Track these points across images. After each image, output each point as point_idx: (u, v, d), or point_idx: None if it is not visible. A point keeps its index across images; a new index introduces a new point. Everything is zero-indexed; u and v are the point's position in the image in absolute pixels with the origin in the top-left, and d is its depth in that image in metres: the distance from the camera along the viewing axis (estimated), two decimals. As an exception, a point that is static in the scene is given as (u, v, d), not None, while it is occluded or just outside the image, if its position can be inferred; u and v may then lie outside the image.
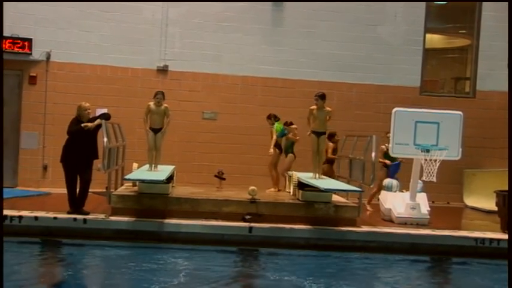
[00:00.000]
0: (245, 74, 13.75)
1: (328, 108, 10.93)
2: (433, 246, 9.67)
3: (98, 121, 9.81)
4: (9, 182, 12.47)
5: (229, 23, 13.66)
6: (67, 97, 12.73)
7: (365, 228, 9.93)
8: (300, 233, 9.70)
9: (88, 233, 9.40)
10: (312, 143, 10.92)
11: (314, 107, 10.86)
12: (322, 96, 10.84)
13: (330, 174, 12.00)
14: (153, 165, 10.89)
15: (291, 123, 11.88)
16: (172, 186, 11.09)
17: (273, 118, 11.99)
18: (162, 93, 10.86)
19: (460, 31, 15.26)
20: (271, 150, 11.68)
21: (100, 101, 12.61)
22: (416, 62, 14.12)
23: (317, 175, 10.91)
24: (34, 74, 13.12)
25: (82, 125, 9.70)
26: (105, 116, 9.98)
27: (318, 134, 10.87)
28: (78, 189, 9.83)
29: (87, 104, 10.00)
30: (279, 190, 11.80)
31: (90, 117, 9.95)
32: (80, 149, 9.72)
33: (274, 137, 11.77)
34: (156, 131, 10.82)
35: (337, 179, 11.57)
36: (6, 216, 9.25)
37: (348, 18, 13.91)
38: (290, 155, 11.82)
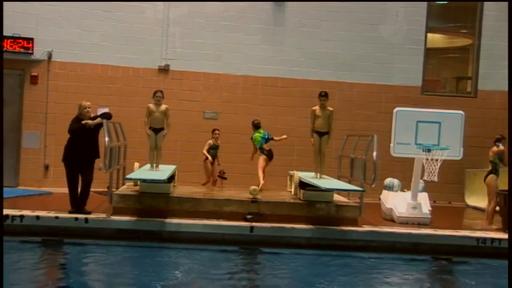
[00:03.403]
0: (246, 74, 13.76)
1: (329, 108, 10.92)
2: (434, 246, 9.65)
3: (98, 119, 9.81)
4: (10, 182, 12.48)
5: (230, 23, 13.67)
6: (68, 96, 12.75)
7: (366, 228, 9.93)
8: (302, 232, 9.69)
9: (89, 232, 9.39)
10: (314, 143, 10.91)
11: (316, 107, 10.86)
12: (327, 96, 10.86)
13: (493, 189, 10.78)
14: (155, 165, 10.90)
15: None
16: (174, 186, 11.09)
17: (253, 126, 11.66)
18: (161, 92, 10.86)
19: (462, 30, 15.26)
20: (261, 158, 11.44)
21: (101, 100, 12.63)
22: (417, 61, 14.12)
23: (318, 174, 10.90)
24: (35, 74, 13.12)
25: (83, 122, 9.70)
26: (107, 116, 9.96)
27: (321, 134, 10.85)
28: (79, 189, 9.84)
29: (88, 103, 10.00)
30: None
31: (91, 116, 9.95)
32: (82, 148, 9.72)
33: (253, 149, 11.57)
34: (156, 130, 10.81)
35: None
36: (7, 215, 9.26)
37: (349, 18, 13.92)
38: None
